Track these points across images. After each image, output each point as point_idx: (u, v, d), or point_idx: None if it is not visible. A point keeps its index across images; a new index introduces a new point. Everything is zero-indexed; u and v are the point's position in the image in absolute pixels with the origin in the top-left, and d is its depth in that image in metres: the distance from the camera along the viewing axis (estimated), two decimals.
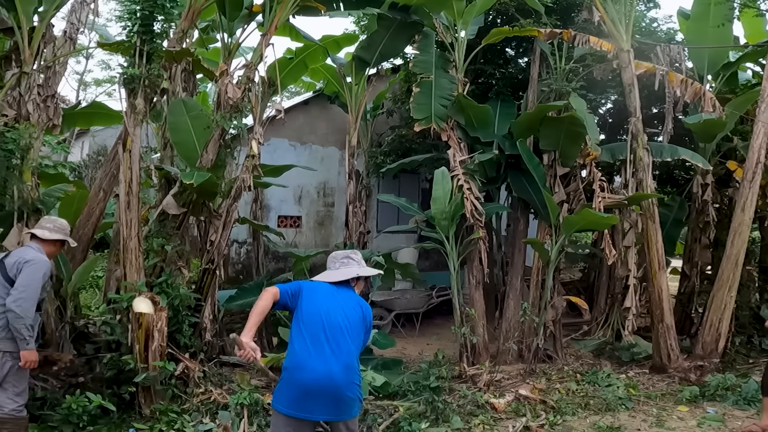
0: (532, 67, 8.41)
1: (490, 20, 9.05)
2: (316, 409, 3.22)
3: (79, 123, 7.63)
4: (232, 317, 8.90)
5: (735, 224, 7.10)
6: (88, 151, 14.81)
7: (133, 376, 4.95)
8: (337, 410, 3.26)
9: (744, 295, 8.18)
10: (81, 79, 20.44)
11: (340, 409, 3.27)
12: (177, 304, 5.60)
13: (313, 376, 3.19)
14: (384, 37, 8.37)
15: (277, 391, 3.34)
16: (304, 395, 3.20)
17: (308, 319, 3.34)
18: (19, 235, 5.16)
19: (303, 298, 3.41)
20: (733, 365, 7.49)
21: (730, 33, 8.45)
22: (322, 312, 3.35)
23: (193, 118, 6.20)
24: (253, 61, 6.44)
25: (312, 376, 3.19)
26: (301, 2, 6.76)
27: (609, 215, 7.14)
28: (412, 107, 7.84)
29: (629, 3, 7.46)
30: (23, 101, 5.47)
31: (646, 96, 8.42)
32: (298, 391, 3.21)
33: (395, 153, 10.05)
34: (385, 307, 9.36)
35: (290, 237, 10.65)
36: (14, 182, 5.25)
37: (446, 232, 7.38)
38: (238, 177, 6.38)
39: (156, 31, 5.41)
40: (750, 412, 5.95)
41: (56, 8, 5.80)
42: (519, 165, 8.14)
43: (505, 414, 5.66)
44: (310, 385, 3.19)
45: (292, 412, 3.20)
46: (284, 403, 3.24)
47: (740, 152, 8.31)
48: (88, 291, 9.18)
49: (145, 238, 5.73)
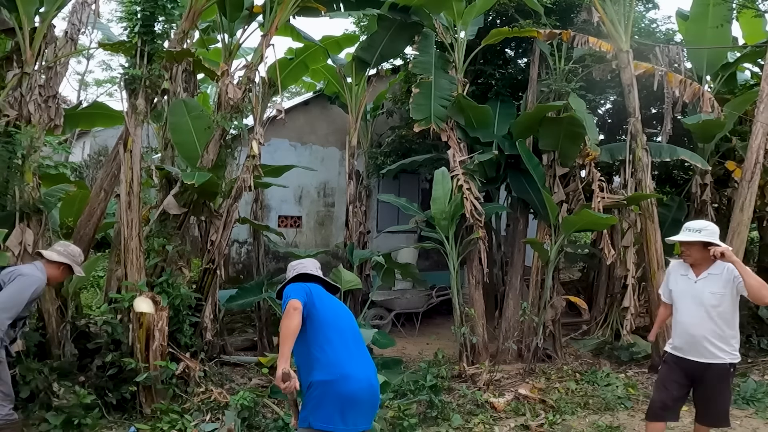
0: (531, 68, 8.43)
1: (490, 21, 9.07)
2: (360, 420, 2.99)
3: (81, 123, 7.64)
4: (233, 317, 8.94)
5: (734, 224, 7.11)
6: (89, 152, 14.83)
7: (134, 375, 4.97)
8: (371, 418, 3.10)
9: None
10: (82, 80, 20.47)
11: (373, 416, 3.14)
12: (178, 303, 5.62)
13: (360, 386, 2.97)
14: (384, 38, 8.40)
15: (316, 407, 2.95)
16: (351, 407, 2.93)
17: (332, 323, 3.07)
18: (21, 235, 5.18)
19: (315, 303, 3.10)
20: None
21: (728, 34, 8.47)
22: (340, 315, 3.15)
23: (193, 119, 6.23)
24: (253, 62, 6.47)
25: (359, 386, 2.97)
26: (301, 3, 6.79)
27: (608, 215, 7.16)
28: (411, 108, 7.85)
29: (628, 4, 7.48)
30: (24, 102, 5.50)
31: (645, 96, 8.44)
32: (347, 404, 2.92)
33: (395, 153, 10.07)
34: (385, 307, 9.38)
35: (291, 237, 10.68)
36: (16, 182, 5.27)
37: (446, 232, 7.40)
38: (239, 177, 6.41)
39: (157, 31, 5.45)
40: (749, 411, 5.97)
41: (57, 9, 5.83)
42: (518, 165, 8.16)
43: (504, 413, 5.68)
44: (359, 395, 2.96)
45: (349, 428, 2.93)
46: (336, 420, 2.91)
47: (739, 152, 8.33)
48: (89, 291, 9.20)
49: (146, 238, 5.75)
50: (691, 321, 3.99)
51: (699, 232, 3.98)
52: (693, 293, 4.01)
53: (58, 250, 4.27)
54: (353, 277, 7.50)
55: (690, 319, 4.00)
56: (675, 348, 4.13)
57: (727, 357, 3.92)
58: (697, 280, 4.03)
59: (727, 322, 3.94)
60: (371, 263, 8.82)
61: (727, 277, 3.93)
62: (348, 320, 3.20)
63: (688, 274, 4.09)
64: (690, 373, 4.03)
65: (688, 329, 4.00)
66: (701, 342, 3.94)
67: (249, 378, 6.40)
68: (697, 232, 3.98)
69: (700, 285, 4.00)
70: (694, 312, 3.98)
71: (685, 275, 4.12)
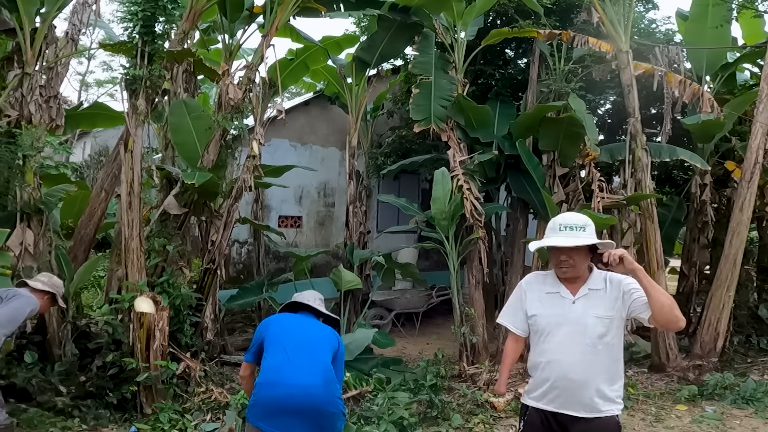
0: (531, 68, 8.45)
1: (490, 21, 9.09)
2: (295, 427, 3.00)
3: (82, 124, 7.66)
4: (233, 317, 8.95)
5: (733, 224, 7.13)
6: (89, 152, 14.85)
7: (134, 375, 4.98)
8: (318, 429, 3.06)
9: (742, 295, 8.20)
10: (83, 80, 20.51)
11: (322, 427, 3.08)
12: (178, 303, 5.63)
13: (290, 393, 3.01)
14: (384, 39, 8.41)
15: (251, 405, 3.15)
16: (279, 412, 3.00)
17: (279, 340, 3.25)
18: (22, 235, 5.20)
19: (269, 331, 3.35)
20: (731, 364, 7.52)
21: (728, 34, 8.48)
22: (293, 332, 3.29)
23: (194, 119, 6.24)
24: (254, 62, 6.48)
25: (288, 392, 3.01)
26: (301, 3, 6.80)
27: (608, 215, 7.17)
28: (411, 108, 7.87)
29: (628, 4, 7.49)
30: (25, 102, 5.52)
31: (644, 97, 8.45)
32: (273, 408, 3.02)
33: (395, 154, 10.08)
34: (385, 307, 9.40)
35: (291, 237, 10.68)
36: (17, 183, 5.28)
37: (446, 232, 7.41)
38: (239, 177, 6.42)
39: (158, 32, 5.46)
40: (748, 411, 5.99)
41: (58, 9, 5.86)
42: (518, 165, 8.18)
43: (504, 413, 5.70)
44: (287, 402, 3.01)
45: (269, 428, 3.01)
46: (259, 417, 3.06)
47: (738, 152, 8.34)
48: (90, 291, 9.20)
49: (147, 238, 5.76)
50: (570, 359, 2.74)
51: (584, 229, 2.76)
52: (571, 319, 2.77)
53: (43, 281, 4.36)
54: (353, 277, 7.53)
55: (568, 356, 2.75)
56: (541, 399, 2.85)
57: (614, 407, 2.79)
58: (576, 300, 2.79)
59: (615, 358, 2.82)
60: (371, 263, 8.84)
61: (614, 294, 2.76)
62: (302, 337, 3.30)
63: (560, 291, 2.84)
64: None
65: (566, 372, 2.75)
66: (584, 389, 2.74)
67: None
68: (582, 231, 2.75)
69: (579, 307, 2.78)
70: (574, 346, 2.75)
71: (554, 293, 2.86)
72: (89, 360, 5.33)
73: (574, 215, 2.90)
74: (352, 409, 5.28)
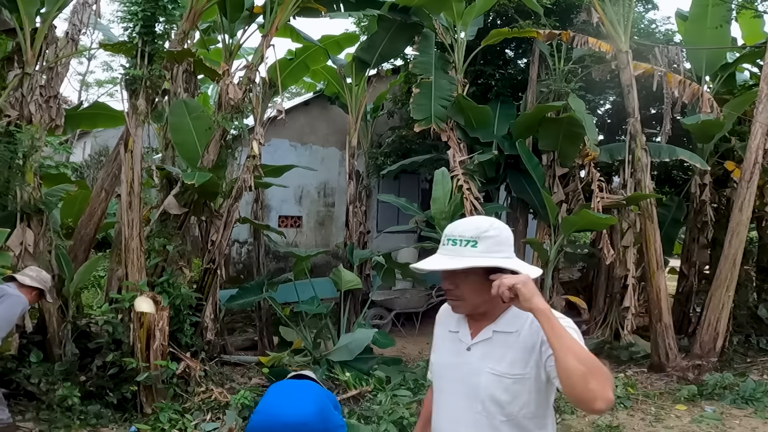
0: (531, 68, 8.46)
1: (490, 21, 9.10)
2: None
3: (82, 124, 7.66)
4: (233, 316, 8.95)
5: (733, 224, 7.13)
6: (89, 152, 14.85)
7: (134, 375, 4.98)
8: None
9: (742, 295, 8.20)
10: (83, 80, 20.52)
11: None
12: (178, 303, 5.64)
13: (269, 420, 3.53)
14: (384, 39, 8.40)
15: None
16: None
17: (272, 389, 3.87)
18: (22, 235, 5.20)
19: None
20: (730, 364, 7.53)
21: (727, 34, 8.49)
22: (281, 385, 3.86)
23: (194, 119, 6.24)
24: (254, 62, 6.48)
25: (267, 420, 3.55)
26: (301, 3, 6.80)
27: (607, 215, 7.18)
28: (411, 108, 7.87)
29: (627, 4, 7.50)
30: (25, 102, 5.52)
31: (644, 97, 8.46)
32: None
33: (395, 153, 10.09)
34: (385, 307, 9.40)
35: (291, 237, 10.69)
36: (17, 183, 5.29)
37: None
38: (239, 177, 6.42)
39: (158, 32, 5.46)
40: (747, 411, 5.99)
41: (58, 9, 5.86)
42: (518, 165, 8.18)
43: None
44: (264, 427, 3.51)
45: None
46: None
47: (738, 153, 8.34)
48: (90, 290, 9.21)
49: (147, 238, 5.76)
50: (454, 428, 1.83)
51: (474, 244, 1.78)
52: (463, 373, 1.82)
53: (31, 276, 4.38)
54: (353, 276, 7.52)
55: (451, 424, 1.84)
56: None
57: None
58: (472, 345, 1.84)
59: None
60: (371, 263, 8.84)
61: (531, 342, 1.74)
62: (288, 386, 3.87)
63: (460, 332, 1.91)
64: None
65: None
66: None
67: (249, 377, 6.41)
68: (472, 246, 1.78)
69: (475, 356, 1.82)
70: (459, 413, 1.82)
71: (454, 333, 1.93)
72: (89, 360, 5.34)
73: (469, 221, 1.89)
74: (352, 409, 5.28)
